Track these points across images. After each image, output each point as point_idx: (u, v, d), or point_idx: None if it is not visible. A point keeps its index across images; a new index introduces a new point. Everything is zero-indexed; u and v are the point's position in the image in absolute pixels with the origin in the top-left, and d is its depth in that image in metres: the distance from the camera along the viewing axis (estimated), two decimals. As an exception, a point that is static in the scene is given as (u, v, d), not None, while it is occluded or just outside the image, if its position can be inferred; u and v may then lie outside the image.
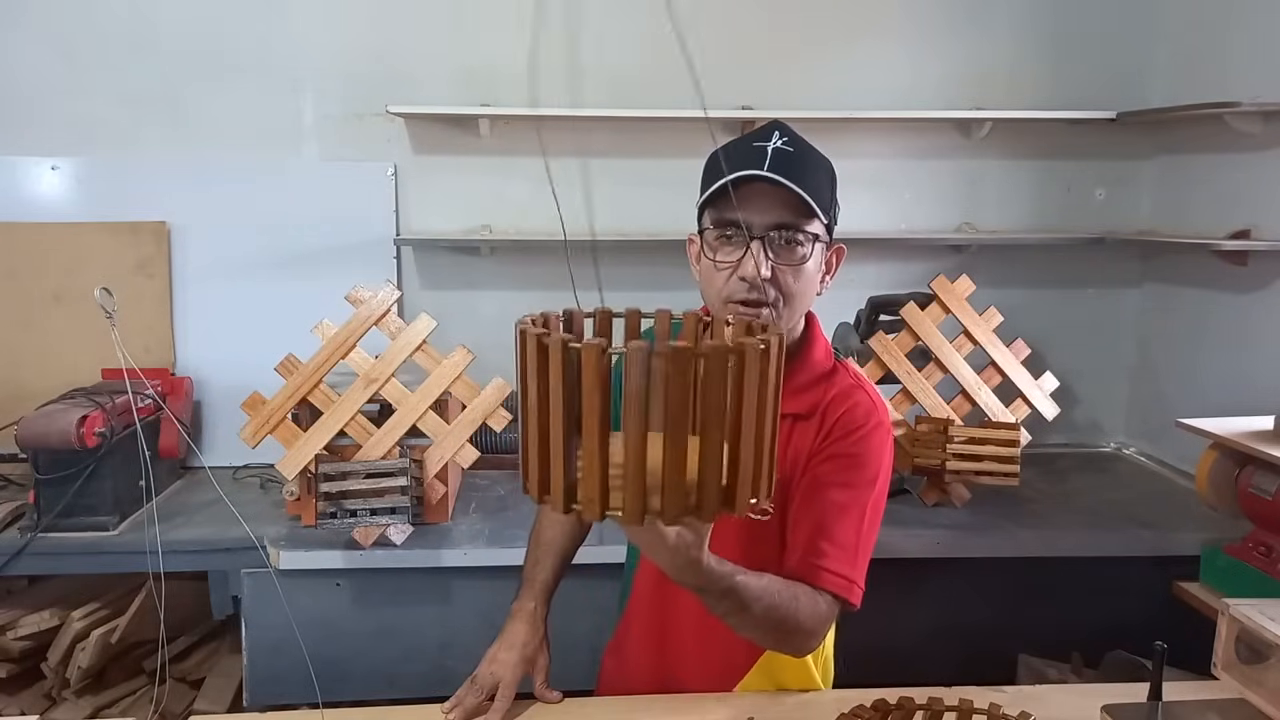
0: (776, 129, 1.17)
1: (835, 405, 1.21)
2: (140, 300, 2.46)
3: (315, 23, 2.48)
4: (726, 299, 1.16)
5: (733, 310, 1.14)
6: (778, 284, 1.15)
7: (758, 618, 1.07)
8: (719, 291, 1.17)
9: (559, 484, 0.78)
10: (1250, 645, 1.18)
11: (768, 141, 1.15)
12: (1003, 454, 2.17)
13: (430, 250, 2.62)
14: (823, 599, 1.15)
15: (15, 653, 2.10)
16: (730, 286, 1.15)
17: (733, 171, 1.11)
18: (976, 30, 2.62)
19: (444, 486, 2.02)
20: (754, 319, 1.03)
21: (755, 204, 1.13)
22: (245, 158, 2.49)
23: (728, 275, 1.15)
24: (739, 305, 1.14)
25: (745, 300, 1.14)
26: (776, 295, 1.15)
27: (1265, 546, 1.82)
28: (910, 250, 2.68)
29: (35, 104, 2.44)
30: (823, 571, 1.15)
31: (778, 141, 1.15)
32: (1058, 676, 2.02)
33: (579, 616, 1.63)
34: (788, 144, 1.15)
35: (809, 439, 1.20)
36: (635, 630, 1.38)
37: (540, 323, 0.89)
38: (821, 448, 1.20)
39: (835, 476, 1.18)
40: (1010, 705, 1.10)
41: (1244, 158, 2.34)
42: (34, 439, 1.96)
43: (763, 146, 1.14)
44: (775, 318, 1.15)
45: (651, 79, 2.52)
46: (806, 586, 1.14)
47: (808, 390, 1.22)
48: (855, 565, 1.17)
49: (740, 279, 1.14)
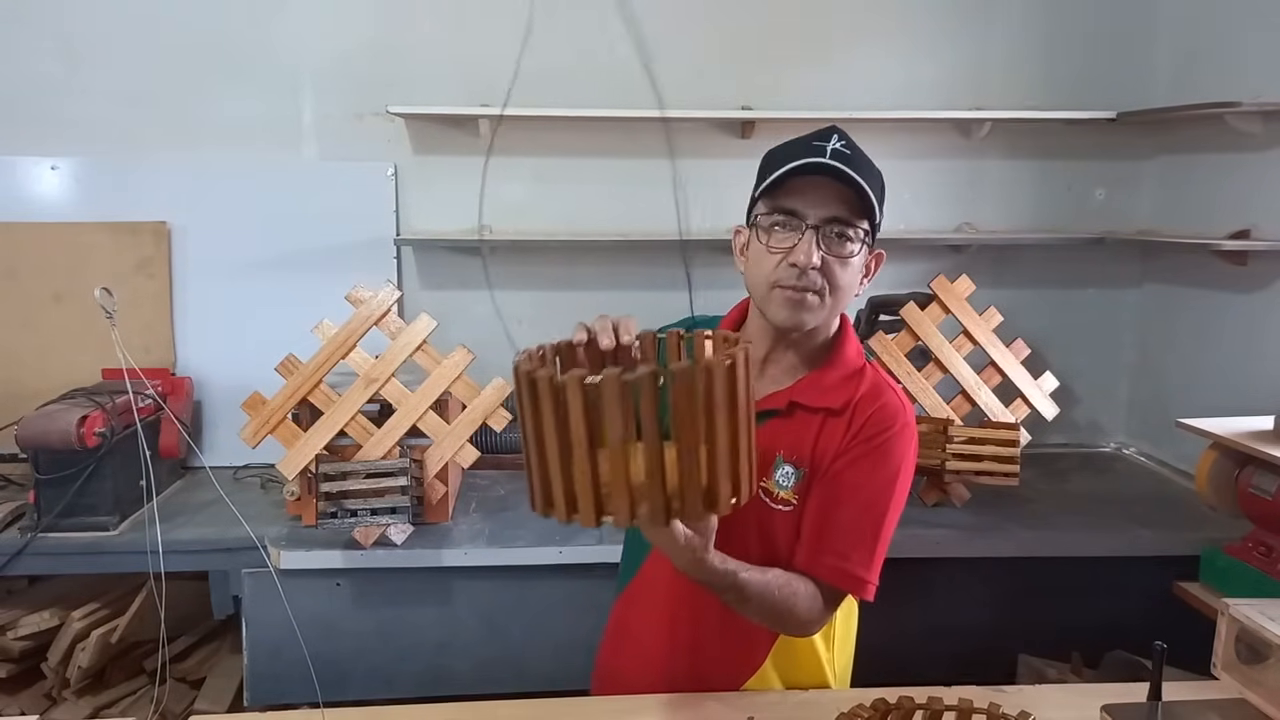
0: (835, 133, 1.21)
1: (865, 403, 1.24)
2: (140, 300, 2.46)
3: (315, 23, 2.48)
4: (774, 284, 1.19)
5: (778, 295, 1.19)
6: (826, 274, 1.18)
7: (756, 608, 1.16)
8: (767, 276, 1.20)
9: (560, 498, 0.87)
10: (1250, 645, 1.18)
11: (827, 142, 1.19)
12: (1003, 454, 2.17)
13: (430, 250, 2.62)
14: (824, 591, 1.20)
15: (15, 653, 2.10)
16: (779, 272, 1.19)
17: (790, 162, 1.16)
18: (976, 30, 2.62)
19: (444, 486, 2.02)
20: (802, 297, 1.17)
21: (812, 195, 1.17)
22: (245, 158, 2.49)
23: (778, 261, 1.19)
24: (786, 290, 1.18)
25: (794, 285, 1.18)
26: (823, 284, 1.19)
27: (1265, 546, 1.82)
28: (910, 250, 2.68)
29: (35, 104, 2.44)
30: (824, 567, 1.20)
31: (837, 144, 1.19)
32: (1058, 676, 2.02)
33: (579, 616, 1.64)
34: (845, 147, 1.19)
35: (839, 435, 1.23)
36: (643, 621, 1.36)
37: (539, 355, 1.01)
38: (849, 446, 1.22)
39: (857, 474, 1.21)
40: (1010, 705, 1.10)
41: (1244, 158, 2.34)
42: (34, 439, 1.96)
43: (822, 146, 1.18)
44: (819, 304, 1.19)
45: (654, 79, 2.52)
46: (808, 580, 1.20)
47: (840, 387, 1.25)
48: (865, 561, 1.20)
49: (790, 265, 1.17)
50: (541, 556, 1.98)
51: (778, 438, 1.24)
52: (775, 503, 1.24)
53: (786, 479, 1.24)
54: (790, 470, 1.23)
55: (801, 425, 1.24)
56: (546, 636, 2.02)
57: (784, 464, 1.24)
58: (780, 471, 1.24)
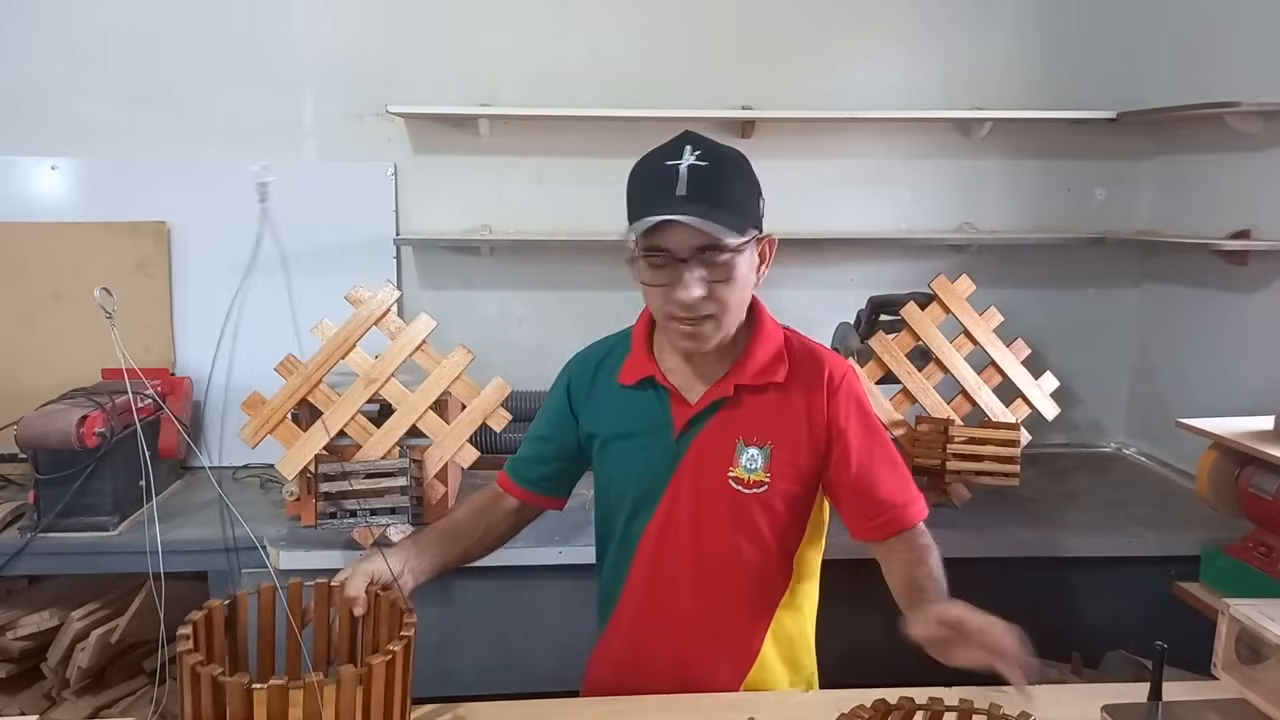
0: (688, 143, 1.19)
1: (811, 366, 1.31)
2: (140, 300, 2.46)
3: (315, 22, 2.48)
4: (668, 316, 1.21)
5: (675, 327, 1.21)
6: (713, 298, 1.19)
7: None
8: (659, 308, 1.23)
9: None
10: (1250, 645, 1.18)
11: (680, 160, 1.17)
12: (1003, 454, 2.17)
13: (430, 250, 2.62)
14: (923, 532, 1.31)
15: (15, 653, 2.10)
16: (669, 306, 1.20)
17: (649, 197, 1.16)
18: (976, 30, 2.62)
19: (444, 486, 2.02)
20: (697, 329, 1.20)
21: (676, 230, 1.15)
22: (245, 158, 2.49)
23: (663, 297, 1.20)
24: (680, 324, 1.20)
25: (684, 318, 1.20)
26: (715, 309, 1.20)
27: (1265, 546, 1.82)
28: (910, 250, 2.68)
29: (35, 104, 2.44)
30: (911, 515, 1.31)
31: (690, 158, 1.16)
32: (1058, 676, 2.02)
33: (579, 616, 1.63)
34: (701, 158, 1.17)
35: (802, 403, 1.29)
36: (632, 631, 1.37)
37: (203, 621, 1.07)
38: (837, 406, 1.29)
39: (863, 438, 1.30)
40: (1010, 705, 1.10)
41: (1244, 158, 2.34)
42: (34, 439, 1.96)
43: (675, 166, 1.16)
44: (715, 327, 1.21)
45: (654, 79, 2.52)
46: (909, 535, 1.30)
47: (776, 361, 1.30)
48: (914, 489, 1.33)
49: (676, 300, 1.19)
50: (541, 557, 1.98)
51: (732, 425, 1.28)
52: (748, 488, 1.28)
53: (753, 461, 1.27)
54: (755, 452, 1.28)
55: (751, 406, 1.29)
56: (546, 636, 2.02)
57: (747, 448, 1.28)
58: (745, 456, 1.28)
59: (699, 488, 1.29)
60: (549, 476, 1.43)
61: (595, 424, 1.37)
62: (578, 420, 1.39)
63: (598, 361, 1.39)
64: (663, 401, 1.31)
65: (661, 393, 1.31)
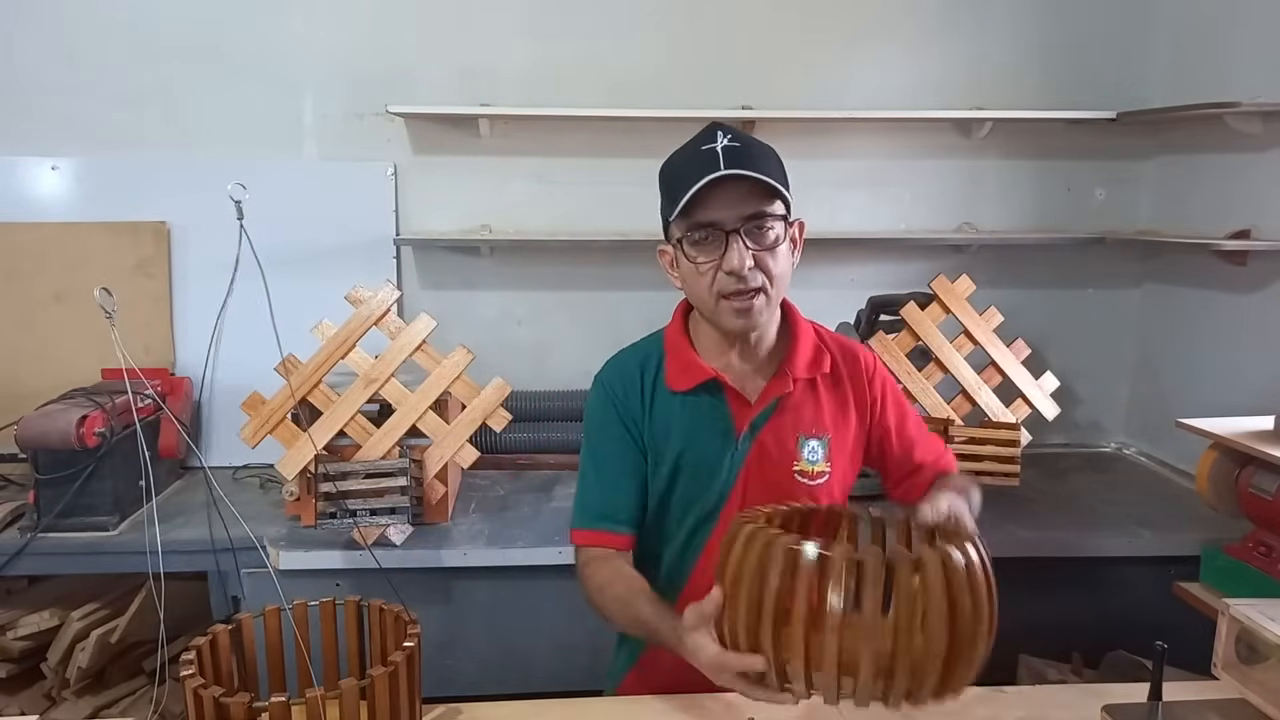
0: (718, 129, 1.22)
1: (848, 357, 1.38)
2: (140, 300, 2.46)
3: (315, 23, 2.48)
4: (719, 295, 1.23)
5: (726, 306, 1.22)
6: (762, 269, 1.22)
7: None
8: (709, 290, 1.23)
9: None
10: (1250, 645, 1.18)
11: (715, 143, 1.20)
12: (1003, 454, 2.17)
13: (430, 250, 2.62)
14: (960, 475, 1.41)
15: (15, 653, 2.10)
16: (720, 283, 1.22)
17: (690, 175, 1.18)
18: (976, 30, 2.62)
19: (444, 486, 2.02)
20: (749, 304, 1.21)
21: (721, 201, 1.19)
22: (245, 158, 2.49)
23: (713, 274, 1.21)
24: (731, 299, 1.22)
25: (737, 291, 1.21)
26: (763, 280, 1.22)
27: (1265, 546, 1.82)
28: (910, 250, 2.68)
29: (35, 104, 2.43)
30: (945, 462, 1.44)
31: (724, 140, 1.20)
32: (1058, 676, 2.02)
33: (579, 616, 1.63)
34: (733, 140, 1.20)
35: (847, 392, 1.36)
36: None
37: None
38: (878, 398, 1.38)
39: (899, 419, 1.40)
40: (1011, 705, 1.09)
41: (1244, 158, 2.33)
42: (34, 439, 1.96)
43: (711, 148, 1.19)
44: (766, 303, 1.23)
45: (653, 79, 2.52)
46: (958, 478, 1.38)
47: (820, 355, 1.35)
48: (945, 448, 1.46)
49: (726, 274, 1.20)
50: (541, 557, 1.97)
51: (793, 419, 1.31)
52: (812, 480, 1.31)
53: (815, 453, 1.31)
54: (816, 444, 1.31)
55: (804, 399, 1.32)
56: (546, 636, 2.02)
57: (808, 441, 1.31)
58: (807, 449, 1.31)
59: (766, 486, 1.29)
60: (640, 505, 1.35)
61: (659, 437, 1.33)
62: (642, 438, 1.34)
63: (638, 374, 1.34)
64: (722, 404, 1.31)
65: (719, 396, 1.31)
